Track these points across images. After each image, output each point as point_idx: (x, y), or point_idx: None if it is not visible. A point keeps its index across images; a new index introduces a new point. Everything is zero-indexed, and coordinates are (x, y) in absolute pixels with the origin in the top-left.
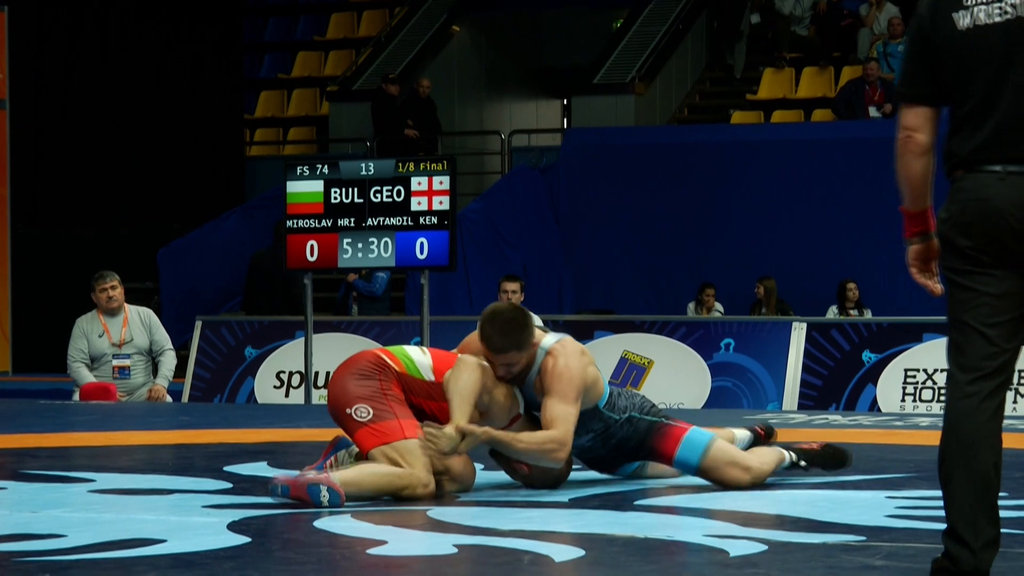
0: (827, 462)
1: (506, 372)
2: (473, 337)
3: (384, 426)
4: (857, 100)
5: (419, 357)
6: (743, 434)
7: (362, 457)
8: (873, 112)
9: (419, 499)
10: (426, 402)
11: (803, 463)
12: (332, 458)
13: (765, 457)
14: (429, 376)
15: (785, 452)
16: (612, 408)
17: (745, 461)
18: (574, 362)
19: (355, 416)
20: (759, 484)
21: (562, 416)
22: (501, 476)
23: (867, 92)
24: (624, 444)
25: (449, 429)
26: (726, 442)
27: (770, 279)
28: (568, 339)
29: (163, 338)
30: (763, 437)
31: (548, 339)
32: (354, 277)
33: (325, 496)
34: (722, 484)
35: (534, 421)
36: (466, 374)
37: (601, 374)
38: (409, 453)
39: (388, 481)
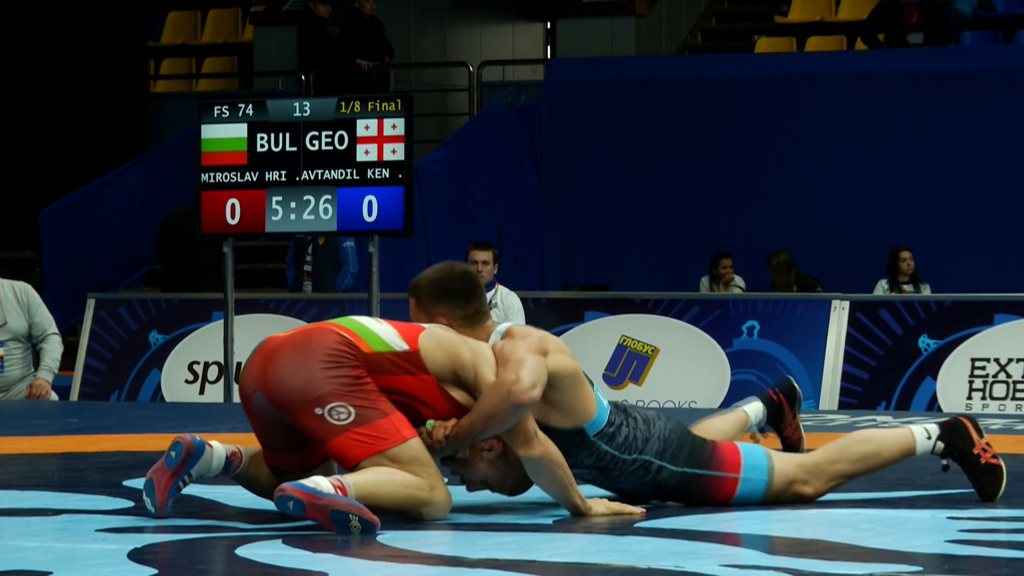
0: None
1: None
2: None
3: (374, 428)
4: (895, 24)
5: (376, 327)
6: (756, 409)
7: (257, 469)
8: (913, 39)
9: (436, 520)
10: (399, 379)
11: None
12: (186, 476)
13: (822, 469)
14: (401, 345)
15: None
16: (610, 440)
17: (804, 474)
18: (533, 330)
19: (331, 419)
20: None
21: (516, 356)
22: (473, 495)
23: (904, 14)
24: (639, 497)
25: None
26: (778, 456)
27: (781, 252)
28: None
29: (45, 320)
30: (782, 403)
31: (503, 324)
32: None
33: (357, 526)
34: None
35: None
36: (559, 460)
37: (592, 386)
38: (416, 460)
39: (408, 495)
